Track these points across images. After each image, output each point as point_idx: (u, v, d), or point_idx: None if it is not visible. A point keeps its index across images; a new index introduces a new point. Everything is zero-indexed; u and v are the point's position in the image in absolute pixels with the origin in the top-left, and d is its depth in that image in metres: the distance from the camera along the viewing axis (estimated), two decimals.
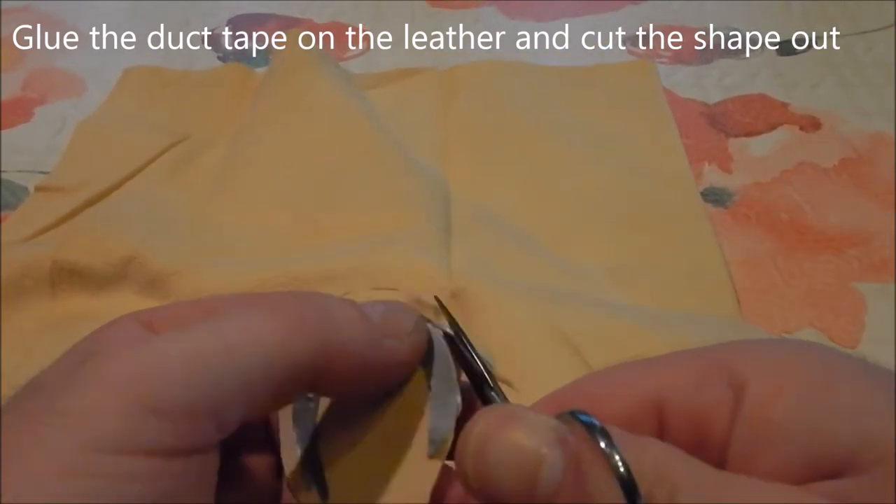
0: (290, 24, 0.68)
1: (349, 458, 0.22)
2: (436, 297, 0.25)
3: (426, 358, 0.23)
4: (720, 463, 0.19)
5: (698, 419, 0.19)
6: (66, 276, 0.41)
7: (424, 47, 0.64)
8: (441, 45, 0.64)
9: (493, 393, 0.22)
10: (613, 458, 0.17)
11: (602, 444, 0.17)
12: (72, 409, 0.17)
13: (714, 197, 0.48)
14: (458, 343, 0.23)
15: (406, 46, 0.65)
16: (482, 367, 0.22)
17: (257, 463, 0.23)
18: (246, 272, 0.41)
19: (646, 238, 0.44)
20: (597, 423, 0.17)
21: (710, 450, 0.19)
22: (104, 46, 0.67)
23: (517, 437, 0.18)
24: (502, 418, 0.18)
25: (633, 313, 0.38)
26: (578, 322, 0.37)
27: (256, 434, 0.23)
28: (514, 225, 0.46)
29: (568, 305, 0.38)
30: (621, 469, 0.16)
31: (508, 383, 0.35)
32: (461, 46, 0.64)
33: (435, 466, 0.20)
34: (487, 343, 0.37)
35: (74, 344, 0.21)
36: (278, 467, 0.23)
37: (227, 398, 0.19)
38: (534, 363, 0.36)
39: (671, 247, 0.44)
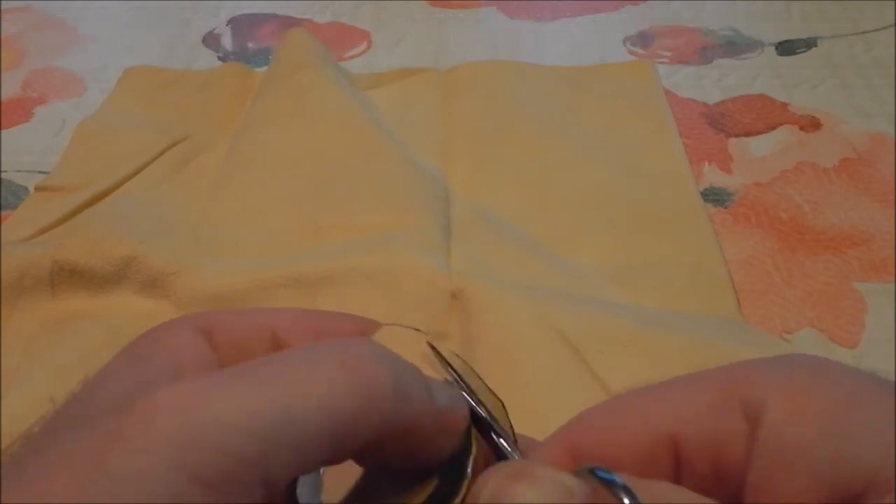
0: (290, 24, 0.68)
1: None
2: (429, 344, 0.24)
3: None
4: (739, 492, 0.18)
5: (715, 449, 0.19)
6: (66, 276, 0.41)
7: (424, 47, 0.64)
8: (441, 46, 0.64)
9: (501, 441, 0.21)
10: None
11: (626, 501, 0.16)
12: (118, 470, 0.16)
13: (714, 197, 0.48)
14: (462, 389, 0.22)
15: (406, 46, 0.64)
16: (488, 415, 0.21)
17: None
18: (246, 272, 0.41)
19: (646, 238, 0.44)
20: (618, 480, 0.17)
21: (729, 480, 0.18)
22: (104, 46, 0.67)
23: (528, 495, 0.17)
24: (512, 476, 0.17)
25: (634, 313, 0.38)
26: (578, 322, 0.37)
27: None
28: (514, 225, 0.46)
29: (568, 305, 0.38)
30: None
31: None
32: (461, 46, 0.64)
33: None
34: (487, 343, 0.37)
35: (123, 353, 0.21)
36: None
37: (279, 465, 0.17)
38: (534, 363, 0.36)
39: (671, 247, 0.44)
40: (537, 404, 0.34)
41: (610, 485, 0.17)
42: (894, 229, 0.45)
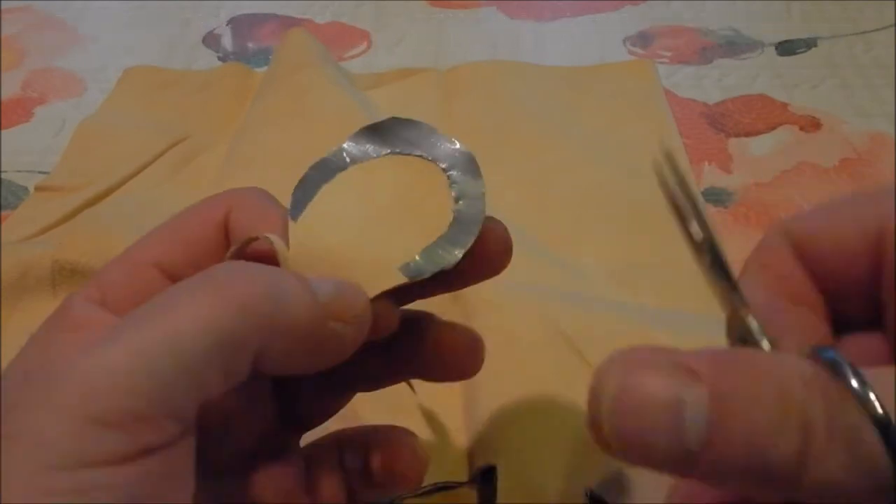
0: (290, 24, 0.68)
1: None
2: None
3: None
4: None
5: (848, 267, 0.19)
6: (67, 276, 0.41)
7: (424, 47, 0.64)
8: (441, 46, 0.64)
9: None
10: (868, 397, 0.15)
11: (854, 384, 0.15)
12: (23, 432, 0.17)
13: (714, 197, 0.48)
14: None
15: (406, 46, 0.65)
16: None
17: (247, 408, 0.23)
18: None
19: (646, 238, 0.44)
20: (843, 360, 0.16)
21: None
22: (104, 46, 0.67)
23: (650, 386, 0.16)
24: (631, 366, 0.16)
25: (635, 313, 0.38)
26: (579, 321, 0.37)
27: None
28: (515, 224, 0.45)
29: (569, 305, 0.38)
30: (880, 411, 0.14)
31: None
32: (461, 46, 0.64)
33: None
34: (488, 343, 0.37)
35: (28, 342, 0.21)
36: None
37: (177, 394, 0.18)
38: (535, 363, 0.36)
39: (672, 246, 0.43)
40: (538, 404, 0.34)
41: (836, 366, 0.16)
42: (894, 229, 0.44)
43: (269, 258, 0.23)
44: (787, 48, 0.61)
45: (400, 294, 0.23)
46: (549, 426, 0.33)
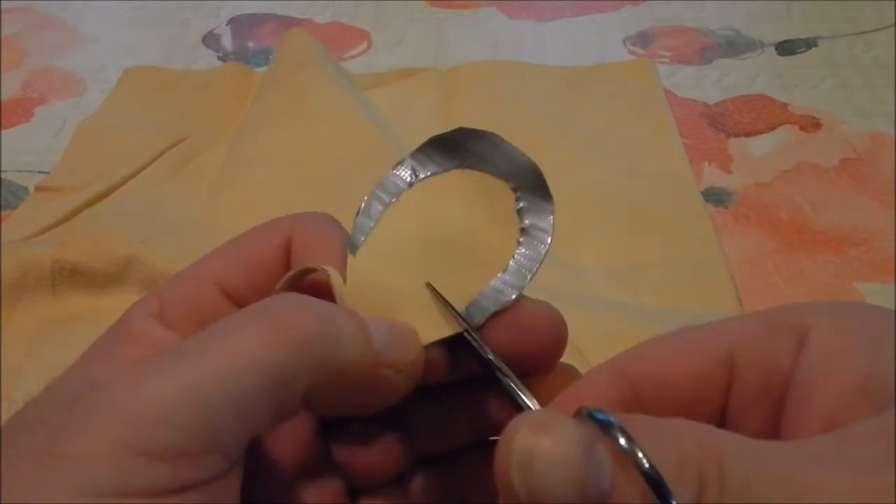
0: (290, 24, 0.68)
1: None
2: (429, 286, 0.24)
3: None
4: (783, 403, 0.19)
5: (766, 368, 0.19)
6: (67, 276, 0.41)
7: (424, 47, 0.64)
8: (441, 46, 0.64)
9: (505, 379, 0.22)
10: (636, 454, 0.16)
11: (622, 442, 0.16)
12: (68, 454, 0.17)
13: (714, 197, 0.48)
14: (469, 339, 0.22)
15: (406, 46, 0.65)
16: (493, 360, 0.22)
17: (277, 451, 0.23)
18: None
19: (647, 238, 0.44)
20: (614, 420, 0.17)
21: (776, 393, 0.19)
22: (104, 46, 0.67)
23: (560, 447, 0.16)
24: (543, 424, 0.17)
25: (635, 313, 0.38)
26: (580, 322, 0.37)
27: None
28: None
29: (569, 305, 0.38)
30: (646, 465, 0.16)
31: None
32: (461, 46, 0.64)
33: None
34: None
35: (83, 357, 0.21)
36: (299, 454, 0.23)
37: (225, 431, 0.18)
38: None
39: (672, 246, 0.44)
40: None
41: (606, 426, 0.17)
42: (894, 229, 0.45)
43: (326, 290, 0.22)
44: (787, 48, 0.61)
45: (453, 340, 0.23)
46: None
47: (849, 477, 0.16)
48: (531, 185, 0.25)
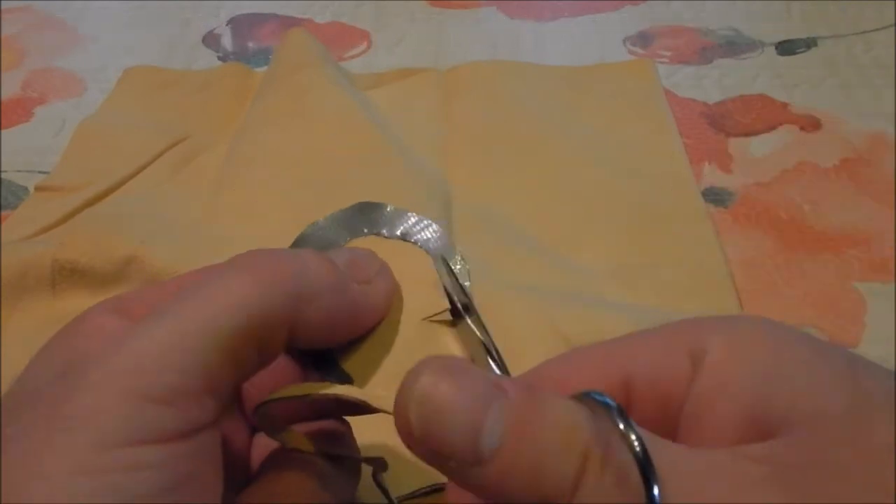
0: (290, 24, 0.68)
1: (364, 349, 0.23)
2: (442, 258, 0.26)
3: None
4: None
5: (662, 390, 0.20)
6: (67, 276, 0.41)
7: (424, 47, 0.64)
8: (441, 46, 0.64)
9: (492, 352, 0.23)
10: (630, 437, 0.17)
11: (621, 425, 0.17)
12: (76, 412, 0.18)
13: (714, 197, 0.48)
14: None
15: (406, 46, 0.64)
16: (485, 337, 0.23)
17: (231, 430, 0.24)
18: None
19: (647, 238, 0.44)
20: (612, 402, 0.17)
21: (672, 418, 0.20)
22: (104, 46, 0.67)
23: (463, 387, 0.17)
24: (445, 369, 0.18)
25: (635, 313, 0.38)
26: (580, 322, 0.37)
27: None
28: (515, 225, 0.46)
29: (569, 306, 0.38)
30: (637, 448, 0.16)
31: None
32: (461, 46, 0.64)
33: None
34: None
35: (46, 346, 0.22)
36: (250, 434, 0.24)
37: (218, 369, 0.19)
38: (533, 362, 0.36)
39: (672, 246, 0.44)
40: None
41: (605, 406, 0.17)
42: (894, 229, 0.45)
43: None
44: (787, 48, 0.61)
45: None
46: None
47: (727, 492, 0.16)
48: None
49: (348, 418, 0.26)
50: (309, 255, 0.22)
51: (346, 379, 0.23)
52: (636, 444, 0.16)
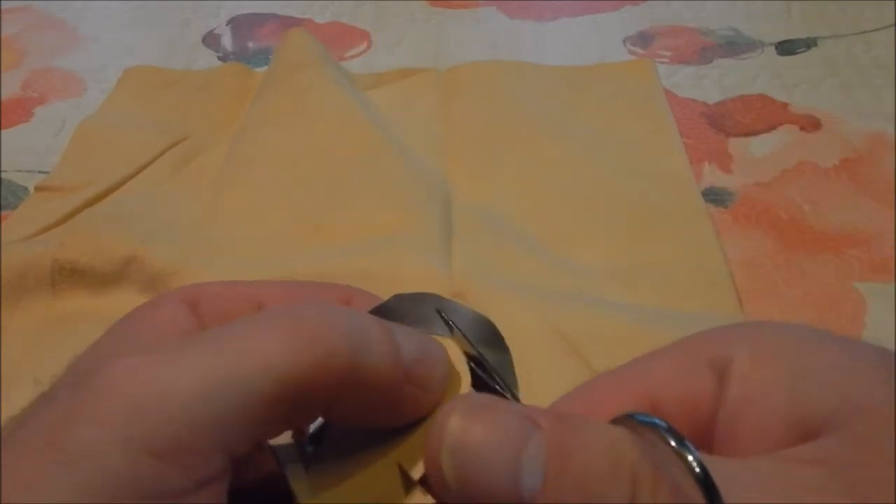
0: (290, 24, 0.68)
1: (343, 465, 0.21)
2: (436, 302, 0.23)
3: None
4: (711, 445, 0.19)
5: (690, 407, 0.19)
6: (67, 276, 0.41)
7: (424, 47, 0.64)
8: (441, 46, 0.64)
9: (504, 393, 0.21)
10: (687, 457, 0.16)
11: (673, 444, 0.16)
12: (74, 447, 0.16)
13: (714, 197, 0.48)
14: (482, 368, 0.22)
15: (406, 46, 0.64)
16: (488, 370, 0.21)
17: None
18: (245, 272, 0.41)
19: (647, 238, 0.44)
20: (660, 421, 0.16)
21: (704, 435, 0.19)
22: (104, 46, 0.66)
23: (493, 428, 0.16)
24: (475, 409, 0.16)
25: (635, 313, 0.38)
26: (579, 322, 0.37)
27: None
28: (515, 225, 0.46)
29: (569, 306, 0.38)
30: (697, 470, 0.15)
31: None
32: (461, 46, 0.64)
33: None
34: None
35: (114, 327, 0.21)
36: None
37: (236, 429, 0.17)
38: (535, 364, 0.36)
39: (672, 246, 0.44)
40: (537, 404, 0.34)
41: (653, 428, 0.16)
42: (894, 229, 0.45)
43: None
44: (787, 48, 0.61)
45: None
46: None
47: (789, 500, 0.16)
48: (485, 340, 0.23)
49: None
50: (376, 332, 0.19)
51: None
52: (694, 462, 0.15)
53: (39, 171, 0.52)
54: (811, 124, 0.53)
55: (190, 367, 0.17)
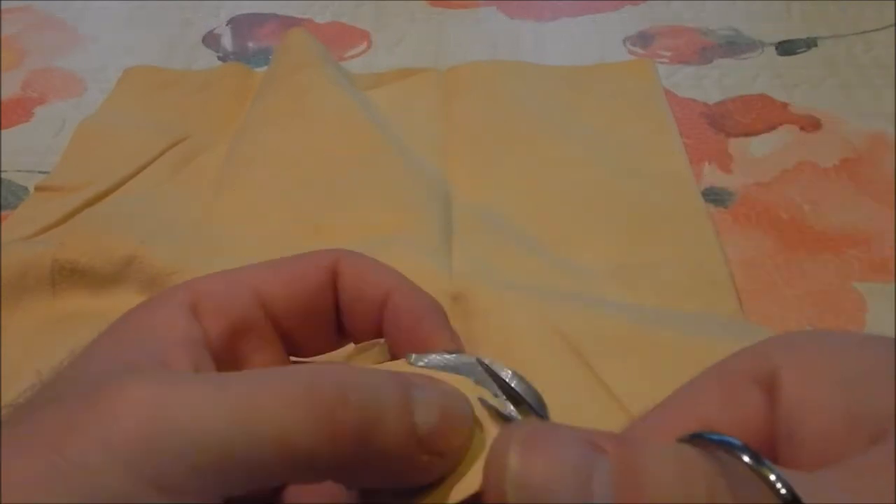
0: (290, 24, 0.68)
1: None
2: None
3: None
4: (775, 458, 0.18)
5: (743, 427, 0.19)
6: (67, 276, 0.41)
7: (424, 47, 0.64)
8: (441, 46, 0.64)
9: None
10: (769, 476, 0.15)
11: (749, 462, 0.15)
12: (76, 459, 0.16)
13: (714, 197, 0.48)
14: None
15: (406, 46, 0.64)
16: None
17: None
18: None
19: (647, 238, 0.44)
20: (735, 441, 0.16)
21: (763, 453, 0.18)
22: (104, 46, 0.66)
23: (560, 454, 0.15)
24: (537, 437, 0.16)
25: (635, 313, 0.38)
26: (580, 323, 0.37)
27: None
28: (515, 225, 0.46)
29: (569, 306, 0.38)
30: (782, 490, 0.15)
31: None
32: (461, 46, 0.64)
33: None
34: (489, 345, 0.37)
35: (116, 326, 0.21)
36: None
37: (238, 480, 0.18)
38: (535, 365, 0.36)
39: (672, 246, 0.44)
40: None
41: (727, 447, 0.16)
42: (894, 229, 0.45)
43: None
44: (787, 48, 0.61)
45: None
46: None
47: None
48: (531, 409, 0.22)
49: None
50: (393, 400, 0.18)
51: None
52: (777, 481, 0.15)
53: (39, 171, 0.52)
54: (811, 124, 0.53)
55: (205, 410, 0.17)
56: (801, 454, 0.18)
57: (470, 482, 0.19)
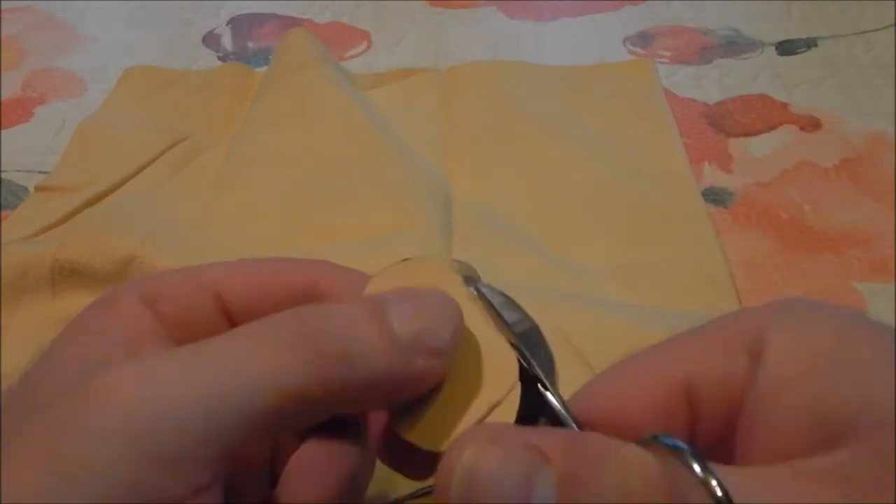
0: (290, 24, 0.68)
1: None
2: (473, 285, 0.23)
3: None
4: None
5: (724, 389, 0.19)
6: (67, 275, 0.41)
7: (424, 47, 0.64)
8: (441, 46, 0.64)
9: (547, 394, 0.20)
10: (710, 482, 0.15)
11: (697, 469, 0.16)
12: (77, 457, 0.17)
13: (714, 197, 0.48)
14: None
15: (406, 46, 0.64)
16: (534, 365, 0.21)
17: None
18: None
19: (647, 238, 0.44)
20: (684, 445, 0.16)
21: (736, 417, 0.19)
22: (104, 46, 0.66)
23: (502, 464, 0.16)
24: (483, 443, 0.16)
25: (634, 313, 0.38)
26: (580, 322, 0.37)
27: None
28: (515, 225, 0.46)
29: (569, 305, 0.38)
30: (719, 494, 0.15)
31: None
32: (461, 46, 0.64)
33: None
34: None
35: (67, 332, 0.21)
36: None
37: (236, 440, 0.18)
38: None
39: (672, 246, 0.44)
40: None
41: (675, 450, 0.16)
42: (894, 229, 0.45)
43: None
44: (787, 48, 0.61)
45: None
46: None
47: None
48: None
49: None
50: (365, 326, 0.19)
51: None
52: (717, 489, 0.15)
53: (39, 171, 0.52)
54: (811, 124, 0.53)
55: (195, 377, 0.18)
56: (759, 437, 0.18)
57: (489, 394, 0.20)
